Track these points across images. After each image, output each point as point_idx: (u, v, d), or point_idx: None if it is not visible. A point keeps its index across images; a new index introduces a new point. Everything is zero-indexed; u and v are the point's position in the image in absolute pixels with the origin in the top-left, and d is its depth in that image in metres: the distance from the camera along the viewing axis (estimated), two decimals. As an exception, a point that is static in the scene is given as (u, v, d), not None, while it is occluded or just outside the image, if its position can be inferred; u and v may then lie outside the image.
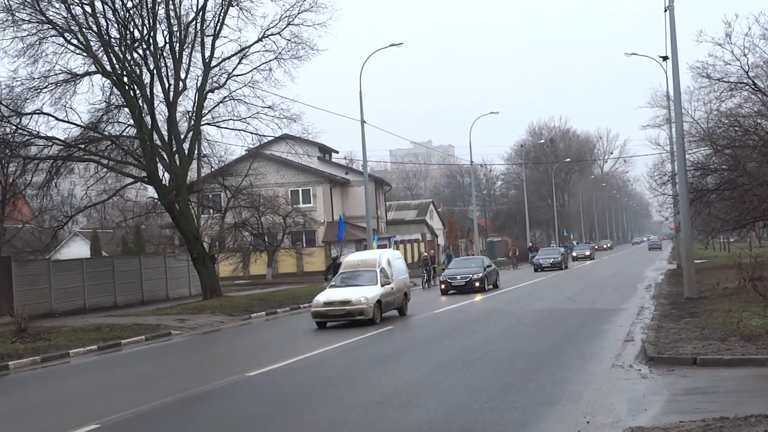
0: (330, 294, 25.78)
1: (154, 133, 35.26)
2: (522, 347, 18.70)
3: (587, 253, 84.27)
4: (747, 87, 34.70)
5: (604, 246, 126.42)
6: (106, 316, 31.48)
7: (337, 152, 74.59)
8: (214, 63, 36.23)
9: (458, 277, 38.87)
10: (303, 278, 53.66)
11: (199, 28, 35.75)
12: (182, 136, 36.29)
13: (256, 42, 36.74)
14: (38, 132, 33.84)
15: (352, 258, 29.17)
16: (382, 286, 26.04)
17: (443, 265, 54.13)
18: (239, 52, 36.60)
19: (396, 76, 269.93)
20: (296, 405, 13.32)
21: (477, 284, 38.46)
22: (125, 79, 34.41)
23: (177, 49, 35.27)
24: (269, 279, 53.69)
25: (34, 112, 33.24)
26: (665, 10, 27.51)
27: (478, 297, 35.57)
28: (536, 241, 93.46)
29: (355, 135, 45.57)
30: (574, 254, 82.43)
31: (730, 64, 33.87)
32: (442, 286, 39.05)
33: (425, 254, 51.40)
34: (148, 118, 34.95)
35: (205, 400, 14.31)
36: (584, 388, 13.35)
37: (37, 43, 32.84)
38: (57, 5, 33.39)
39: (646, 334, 18.75)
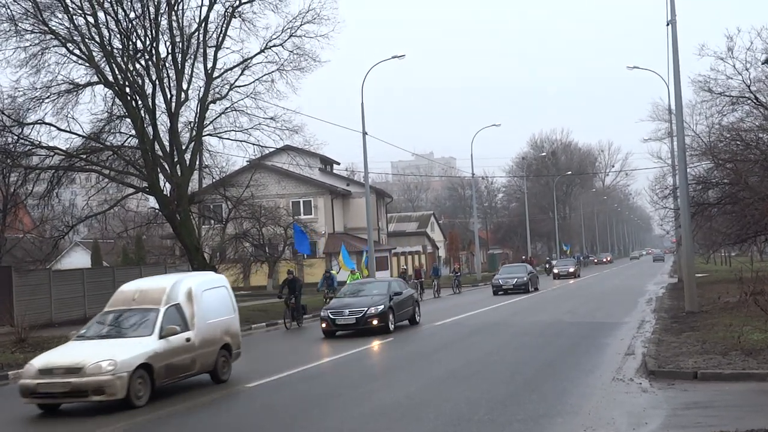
0: (54, 355, 15.62)
1: (156, 143, 35.26)
2: (525, 358, 18.68)
3: (571, 269, 70.87)
4: (749, 101, 34.77)
5: (604, 259, 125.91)
6: (106, 327, 31.35)
7: (338, 164, 74.72)
8: (216, 74, 36.24)
9: (347, 311, 26.29)
10: (304, 289, 53.56)
11: (201, 39, 35.79)
12: (184, 147, 36.28)
13: (258, 53, 36.75)
14: (40, 142, 33.83)
15: (126, 288, 17.52)
16: (162, 337, 15.64)
17: (432, 278, 52.01)
18: (241, 63, 36.62)
19: (398, 88, 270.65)
20: (296, 417, 13.29)
21: (375, 322, 26.04)
22: (127, 90, 34.43)
23: (179, 59, 35.30)
24: (270, 290, 53.62)
25: (35, 122, 33.23)
26: (668, 24, 27.57)
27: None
28: (533, 255, 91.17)
29: (357, 146, 45.52)
30: (555, 271, 71.29)
31: (731, 79, 33.98)
32: (323, 325, 26.45)
33: (404, 267, 47.27)
34: (149, 129, 34.95)
35: (205, 410, 14.28)
36: (585, 401, 13.33)
37: (40, 53, 32.86)
38: (60, 16, 33.44)
39: (647, 348, 18.73)
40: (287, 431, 12.74)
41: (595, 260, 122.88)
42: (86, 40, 33.53)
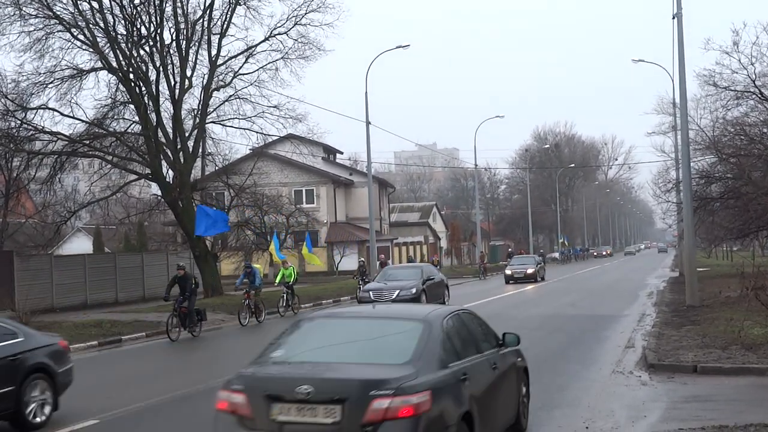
0: None
1: (159, 130, 35.27)
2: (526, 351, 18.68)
3: (529, 270, 51.77)
4: (754, 96, 34.63)
5: (604, 252, 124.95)
6: (108, 312, 31.47)
7: (341, 153, 74.73)
8: (220, 61, 36.25)
9: None
10: (305, 278, 53.67)
11: (206, 26, 35.78)
12: (187, 134, 36.30)
13: (262, 41, 36.79)
14: (43, 127, 33.87)
15: None
16: None
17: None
18: (246, 51, 36.62)
19: (402, 78, 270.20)
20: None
21: None
22: (131, 76, 34.42)
23: (183, 46, 35.28)
24: (271, 278, 53.67)
25: (39, 107, 33.26)
26: (673, 18, 27.49)
27: None
28: (520, 247, 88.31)
29: (360, 136, 45.82)
30: (508, 272, 52.41)
31: (737, 73, 33.82)
32: None
33: (362, 260, 39.50)
34: (153, 115, 34.96)
35: (205, 398, 14.28)
36: (584, 394, 13.33)
37: (44, 38, 32.86)
38: (64, 1, 33.43)
39: (647, 341, 18.72)
40: None
41: (595, 253, 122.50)
42: (90, 25, 33.51)
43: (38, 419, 12.04)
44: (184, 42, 35.30)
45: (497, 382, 9.60)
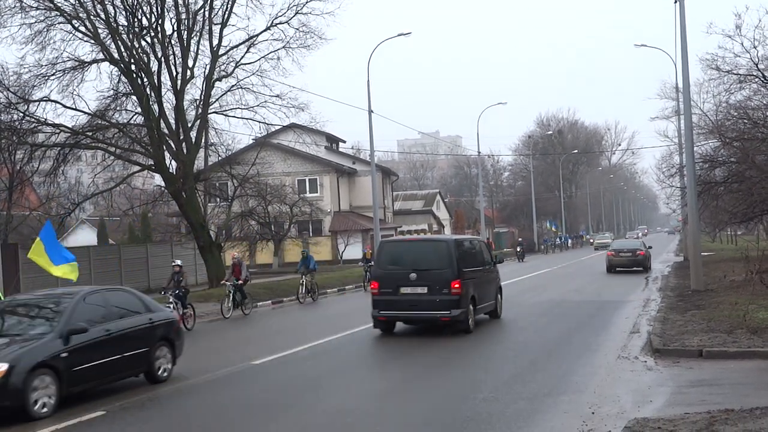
0: None
1: (162, 121, 35.24)
2: (531, 338, 18.72)
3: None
4: (756, 79, 34.54)
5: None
6: (113, 304, 31.48)
7: (344, 142, 74.69)
8: (221, 51, 36.19)
9: None
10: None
11: (207, 16, 35.71)
12: (189, 125, 36.29)
13: (264, 31, 36.70)
14: (46, 119, 33.85)
15: None
16: None
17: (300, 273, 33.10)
18: (247, 40, 36.56)
19: (404, 66, 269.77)
20: (302, 393, 13.33)
21: None
22: (133, 67, 34.38)
23: (185, 37, 35.23)
24: (275, 268, 53.75)
25: (41, 99, 33.23)
26: (675, 1, 27.39)
27: None
28: (523, 234, 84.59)
29: (363, 124, 45.79)
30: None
31: (739, 57, 33.74)
32: None
33: (176, 263, 25.79)
34: (155, 106, 34.93)
35: (211, 387, 14.33)
36: (590, 380, 13.35)
37: (45, 29, 32.80)
38: (65, -9, 33.33)
39: (652, 326, 18.74)
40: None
41: (591, 240, 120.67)
42: (92, 16, 33.45)
43: None
44: (186, 32, 35.25)
45: (647, 255, 44.22)
